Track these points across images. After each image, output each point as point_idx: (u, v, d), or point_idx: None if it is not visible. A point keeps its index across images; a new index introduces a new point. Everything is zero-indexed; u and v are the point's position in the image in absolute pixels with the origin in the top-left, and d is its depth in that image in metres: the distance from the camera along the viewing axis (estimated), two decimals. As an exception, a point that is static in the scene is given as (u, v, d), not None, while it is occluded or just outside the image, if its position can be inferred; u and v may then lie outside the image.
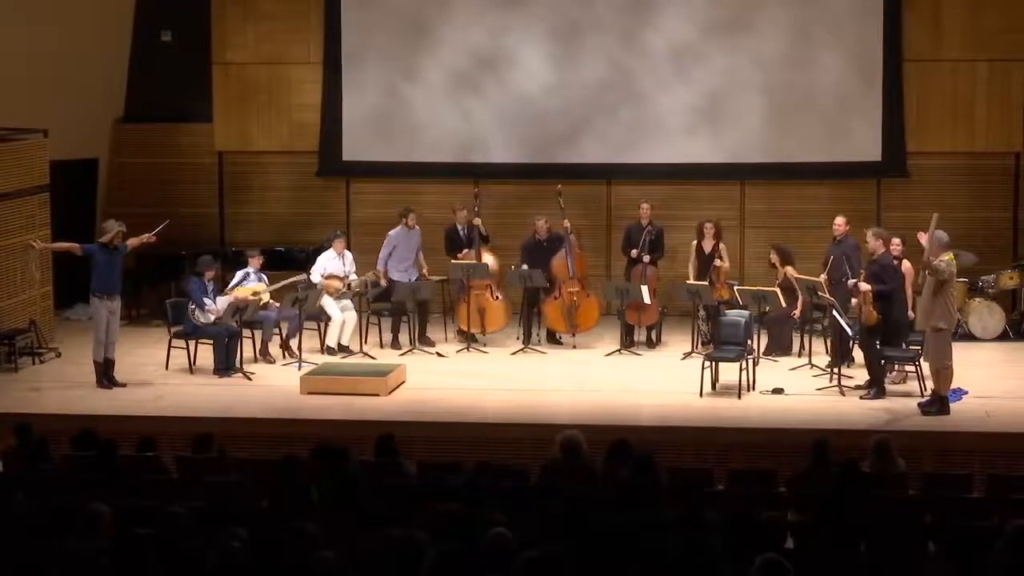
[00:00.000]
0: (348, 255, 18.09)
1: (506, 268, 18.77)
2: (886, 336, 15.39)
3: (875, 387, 15.37)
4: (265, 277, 17.48)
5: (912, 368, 15.65)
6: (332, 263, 17.88)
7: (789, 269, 17.44)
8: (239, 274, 17.38)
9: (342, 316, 17.75)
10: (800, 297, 16.96)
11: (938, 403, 14.62)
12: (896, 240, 16.16)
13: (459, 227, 18.69)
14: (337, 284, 17.74)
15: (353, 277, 17.90)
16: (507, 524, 8.70)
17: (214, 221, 20.61)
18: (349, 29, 20.64)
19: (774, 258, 17.71)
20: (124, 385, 16.09)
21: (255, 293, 17.05)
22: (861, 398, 15.30)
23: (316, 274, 17.80)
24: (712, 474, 11.57)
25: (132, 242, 16.40)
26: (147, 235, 16.46)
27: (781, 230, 19.43)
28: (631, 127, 20.28)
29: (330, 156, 20.86)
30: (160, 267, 19.79)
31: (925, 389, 15.24)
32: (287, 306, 17.12)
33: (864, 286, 15.26)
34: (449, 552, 7.97)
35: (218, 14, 20.94)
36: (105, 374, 16.11)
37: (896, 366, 15.95)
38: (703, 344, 17.52)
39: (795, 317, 17.02)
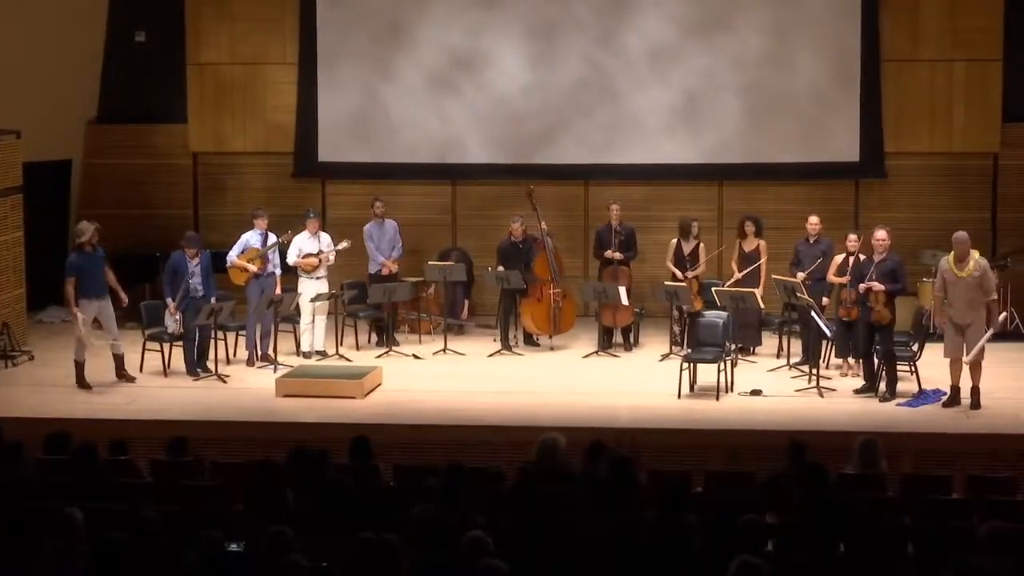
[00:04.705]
0: (324, 236, 17.87)
1: (483, 270, 18.80)
2: (885, 335, 15.44)
3: (868, 384, 15.43)
4: (274, 236, 17.44)
5: (908, 368, 15.67)
6: (307, 243, 17.75)
7: (763, 242, 17.57)
8: (243, 237, 17.42)
9: (310, 320, 17.65)
10: (763, 269, 17.35)
11: (977, 395, 14.99)
12: (852, 236, 16.21)
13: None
14: (313, 261, 17.64)
15: (332, 254, 17.79)
16: (484, 527, 8.67)
17: (189, 223, 20.44)
18: (325, 29, 20.58)
19: (749, 228, 17.71)
20: (133, 379, 16.30)
21: (251, 260, 17.20)
22: (881, 400, 15.35)
23: (291, 256, 17.70)
24: (690, 476, 11.55)
25: (111, 279, 16.42)
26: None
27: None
28: (608, 127, 20.27)
29: (306, 157, 20.80)
30: (134, 269, 19.68)
31: (920, 387, 15.43)
32: (263, 309, 17.04)
33: (877, 286, 15.27)
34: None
35: (193, 14, 20.86)
36: (117, 370, 16.33)
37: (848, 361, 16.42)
38: (674, 346, 17.51)
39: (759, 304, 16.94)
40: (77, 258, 16.12)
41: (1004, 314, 15.60)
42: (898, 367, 15.61)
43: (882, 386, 15.41)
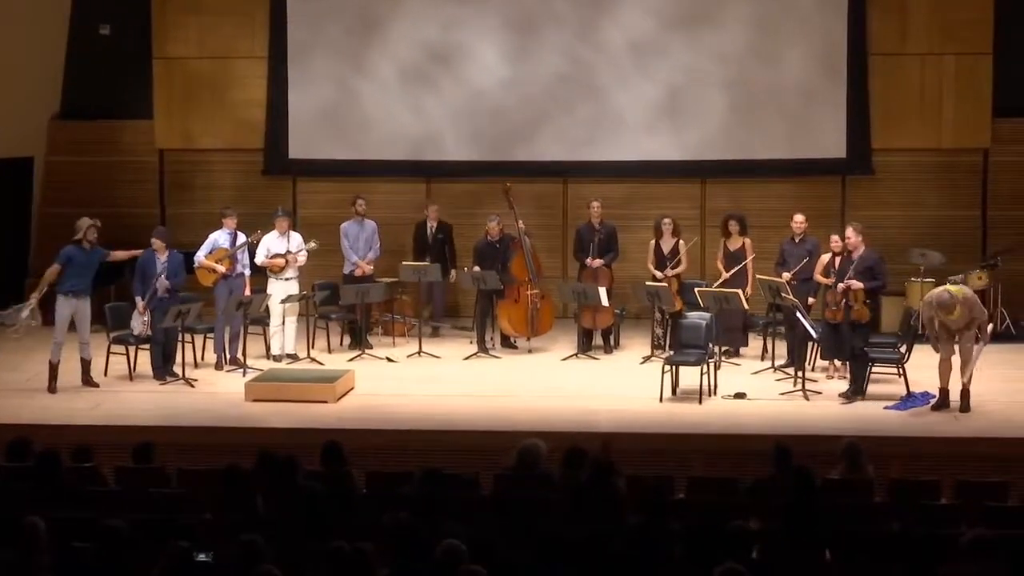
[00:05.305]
0: (295, 236, 17.81)
1: (459, 271, 18.81)
2: (861, 334, 15.51)
3: (854, 386, 15.48)
4: (243, 236, 17.41)
5: (896, 370, 15.73)
6: (276, 243, 17.70)
7: (748, 241, 17.62)
8: (211, 237, 17.40)
9: (280, 322, 17.63)
10: (750, 268, 17.40)
11: (966, 398, 15.03)
12: (835, 237, 16.24)
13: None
14: (281, 262, 17.61)
15: (302, 254, 17.76)
16: (460, 535, 8.69)
17: (155, 222, 20.35)
18: (296, 22, 20.57)
19: (733, 226, 17.74)
20: (97, 385, 16.23)
21: (220, 260, 17.18)
22: (842, 401, 15.41)
23: (260, 256, 17.66)
24: (672, 481, 11.58)
25: (119, 254, 16.58)
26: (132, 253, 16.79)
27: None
28: (589, 124, 20.29)
29: (276, 154, 20.79)
30: (99, 270, 19.61)
31: (908, 390, 15.46)
32: (231, 310, 17.01)
33: (856, 284, 15.33)
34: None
35: (159, 6, 20.83)
36: (83, 375, 16.28)
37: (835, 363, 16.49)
38: (657, 348, 17.54)
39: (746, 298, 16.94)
40: (70, 250, 16.14)
41: (991, 325, 15.64)
42: (882, 368, 15.72)
43: (869, 387, 15.50)
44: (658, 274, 17.74)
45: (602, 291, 17.54)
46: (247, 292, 17.39)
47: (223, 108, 20.90)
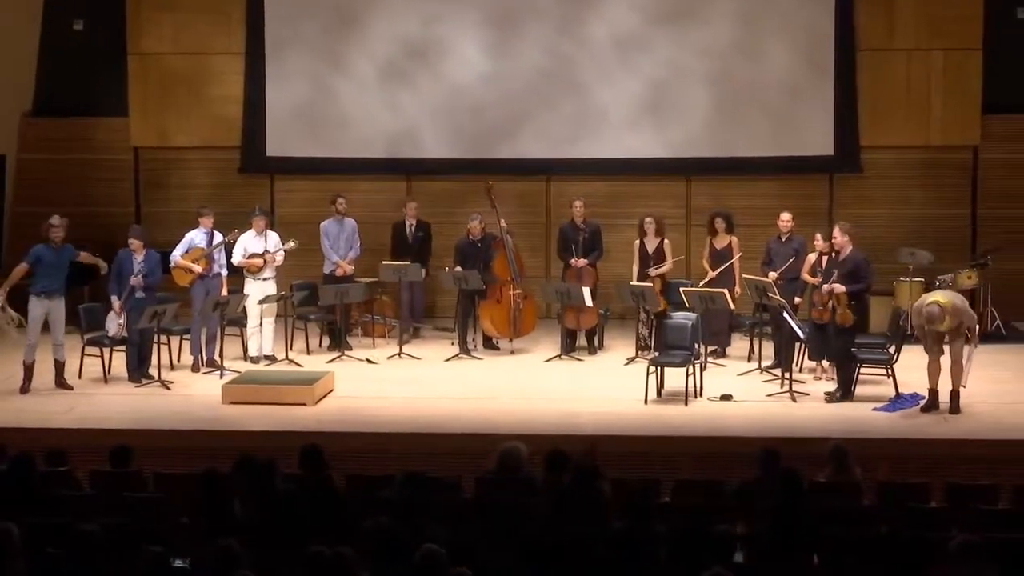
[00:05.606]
0: (272, 235, 17.79)
1: (440, 271, 18.81)
2: (846, 337, 15.55)
3: (842, 389, 15.50)
4: (220, 235, 17.38)
5: (884, 371, 15.76)
6: (253, 243, 17.68)
7: (735, 239, 17.65)
8: (187, 237, 17.38)
9: (258, 323, 17.61)
10: (737, 266, 17.47)
11: (956, 399, 15.09)
12: (819, 236, 16.26)
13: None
14: (258, 262, 17.59)
15: (280, 254, 17.74)
16: (441, 539, 8.70)
17: (130, 221, 20.34)
18: (273, 17, 20.55)
19: (720, 224, 17.76)
20: (71, 388, 16.20)
21: (196, 260, 17.16)
22: (827, 400, 15.44)
23: (236, 255, 17.63)
24: (658, 484, 11.59)
25: (86, 257, 16.58)
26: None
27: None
28: (572, 120, 20.30)
29: (253, 151, 20.77)
30: (73, 271, 19.57)
31: (897, 391, 15.50)
32: (208, 311, 16.98)
33: (839, 288, 15.36)
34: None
35: (133, 2, 20.78)
36: (56, 377, 16.24)
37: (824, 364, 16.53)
38: (642, 349, 17.55)
39: (733, 297, 16.95)
40: (39, 249, 16.15)
41: (978, 327, 15.71)
42: (871, 369, 15.75)
43: (858, 388, 15.53)
44: (634, 282, 17.67)
45: (586, 291, 17.54)
46: (224, 292, 17.37)
47: (199, 105, 20.87)
